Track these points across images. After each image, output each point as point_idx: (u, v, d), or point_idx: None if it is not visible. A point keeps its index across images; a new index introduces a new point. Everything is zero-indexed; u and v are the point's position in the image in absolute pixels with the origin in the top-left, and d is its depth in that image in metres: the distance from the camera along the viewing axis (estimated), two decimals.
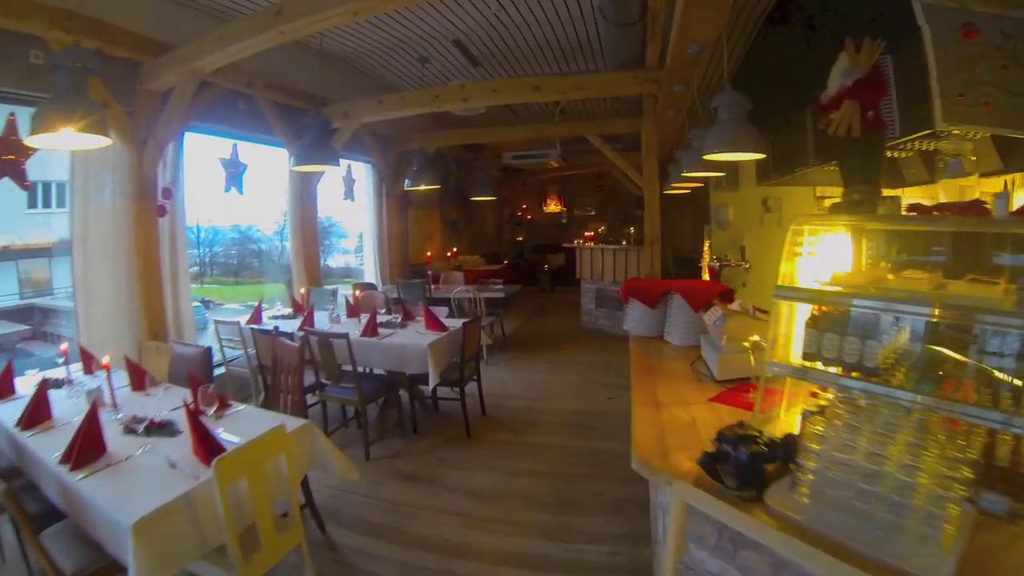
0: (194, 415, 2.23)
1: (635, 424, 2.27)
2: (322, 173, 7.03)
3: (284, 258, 9.48)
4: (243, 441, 2.21)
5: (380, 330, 4.68)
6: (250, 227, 11.04)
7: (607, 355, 7.30)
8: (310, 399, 4.29)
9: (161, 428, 2.43)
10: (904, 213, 2.85)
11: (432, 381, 4.19)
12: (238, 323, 5.10)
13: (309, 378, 4.24)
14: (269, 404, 3.87)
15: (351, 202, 8.66)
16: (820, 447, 1.66)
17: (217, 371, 5.51)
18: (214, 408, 2.57)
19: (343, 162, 8.34)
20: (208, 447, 2.13)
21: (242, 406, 2.78)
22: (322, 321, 5.26)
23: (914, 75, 3.06)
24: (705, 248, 5.50)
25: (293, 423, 2.51)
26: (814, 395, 2.22)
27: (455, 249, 10.73)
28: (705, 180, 8.47)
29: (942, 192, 5.58)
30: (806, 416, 2.04)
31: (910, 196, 7.74)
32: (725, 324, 2.86)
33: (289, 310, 5.91)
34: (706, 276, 5.43)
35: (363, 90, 7.06)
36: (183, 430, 2.43)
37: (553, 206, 15.65)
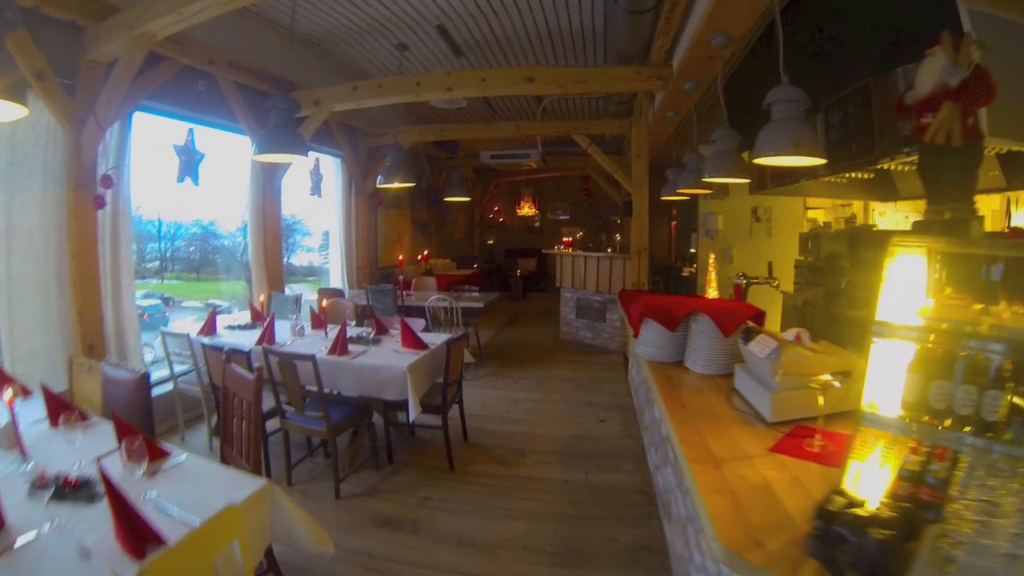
0: (112, 487, 1.62)
1: (701, 491, 1.79)
2: (287, 166, 6.41)
3: (247, 255, 8.82)
4: (182, 522, 1.65)
5: (351, 347, 4.10)
6: (211, 223, 10.33)
7: (591, 370, 6.85)
8: (270, 425, 3.70)
9: (76, 490, 1.82)
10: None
11: (413, 412, 3.63)
12: (188, 336, 4.46)
13: (269, 400, 3.66)
14: (222, 431, 3.27)
15: (318, 198, 8.05)
16: (959, 524, 1.25)
17: (164, 388, 4.87)
18: (143, 468, 1.96)
19: (311, 155, 7.74)
20: (133, 532, 1.56)
21: (182, 456, 2.17)
22: (283, 333, 4.65)
23: None
24: (710, 261, 5.07)
25: (248, 485, 1.93)
26: (913, 450, 1.80)
27: (425, 252, 10.15)
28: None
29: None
30: (905, 476, 1.62)
31: (905, 210, 7.56)
32: (780, 358, 2.41)
33: (247, 318, 5.27)
34: (712, 292, 5.01)
35: (335, 77, 6.47)
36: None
37: (527, 209, 15.19)
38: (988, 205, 6.86)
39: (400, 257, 7.42)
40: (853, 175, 5.45)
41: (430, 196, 10.78)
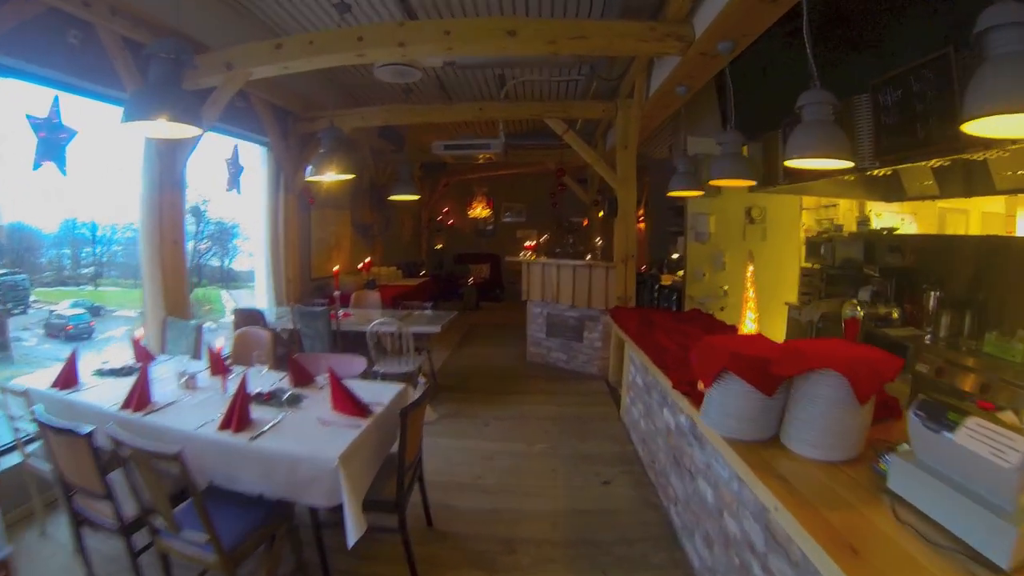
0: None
1: None
2: (190, 148, 4.97)
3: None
4: None
5: (256, 414, 2.71)
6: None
7: (574, 403, 5.67)
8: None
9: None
10: None
11: (352, 531, 2.29)
12: (27, 392, 3.02)
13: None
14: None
15: (238, 194, 6.58)
16: None
17: (8, 461, 3.43)
18: None
19: (227, 141, 6.29)
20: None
21: None
22: (169, 385, 3.26)
23: None
24: (748, 273, 3.94)
25: None
26: None
27: (368, 259, 8.75)
28: None
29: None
30: None
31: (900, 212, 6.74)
32: None
33: (130, 358, 3.82)
34: (749, 323, 3.88)
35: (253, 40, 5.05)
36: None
37: (479, 209, 13.92)
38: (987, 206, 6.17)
39: (336, 267, 6.00)
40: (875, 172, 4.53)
41: (373, 195, 9.38)
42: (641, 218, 10.76)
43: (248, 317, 5.51)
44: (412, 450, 2.72)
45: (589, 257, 6.69)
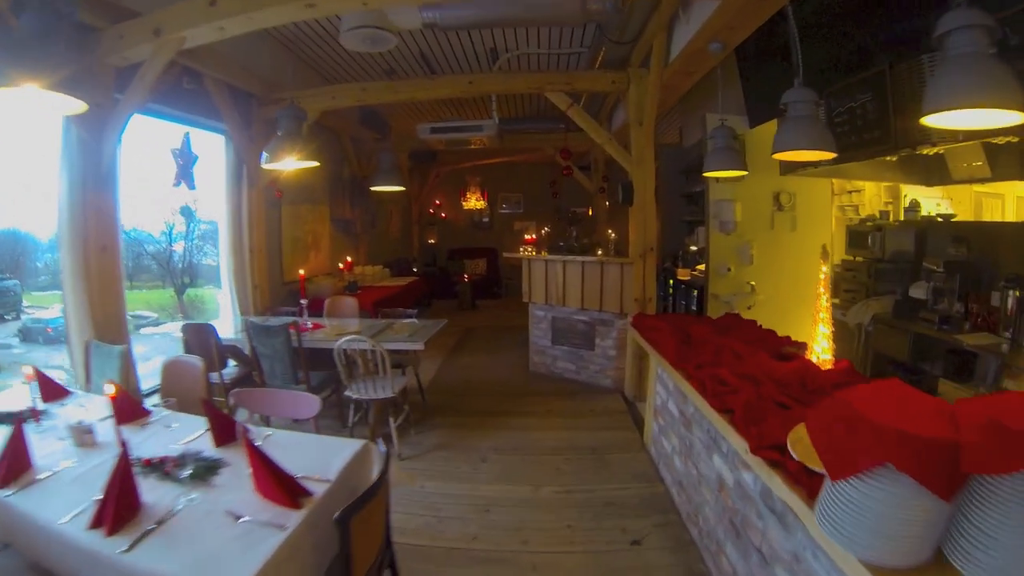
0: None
1: None
2: (117, 136, 4.10)
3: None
4: None
5: (150, 496, 1.84)
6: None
7: (587, 425, 4.83)
8: None
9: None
10: None
11: None
12: None
13: None
14: None
15: (191, 189, 5.70)
16: None
17: None
18: None
19: (176, 128, 5.42)
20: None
21: None
22: (53, 440, 2.41)
23: None
24: (821, 276, 3.07)
25: None
26: None
27: (349, 259, 7.87)
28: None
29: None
30: None
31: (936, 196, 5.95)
32: None
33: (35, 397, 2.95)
34: (821, 338, 3.04)
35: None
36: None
37: (474, 201, 13.02)
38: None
39: (301, 272, 5.08)
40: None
41: (355, 188, 8.48)
42: None
43: (197, 333, 4.65)
44: (364, 559, 1.84)
45: (600, 252, 5.81)
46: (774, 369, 2.85)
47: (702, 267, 6.90)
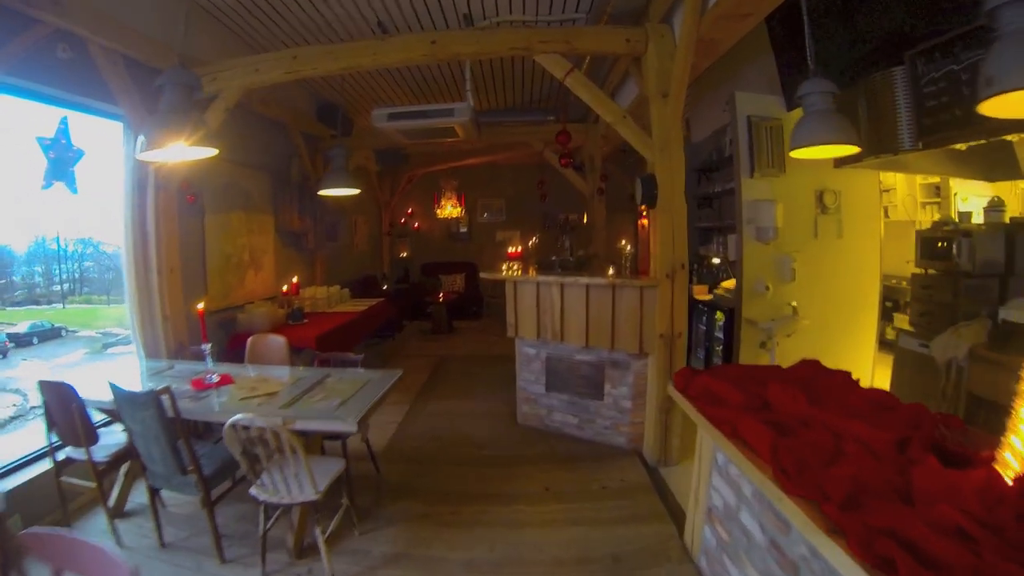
0: None
1: None
2: None
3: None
4: None
5: None
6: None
7: (600, 517, 3.45)
8: None
9: None
10: None
11: None
12: None
13: None
14: None
15: (72, 194, 4.30)
16: None
17: None
18: None
19: (52, 112, 4.06)
20: None
21: None
22: None
23: None
24: None
25: None
26: None
27: (295, 279, 6.45)
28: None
29: None
30: None
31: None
32: None
33: None
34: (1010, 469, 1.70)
35: None
36: None
37: (449, 208, 11.65)
38: None
39: (201, 306, 3.60)
40: None
41: (305, 194, 7.09)
42: (644, 213, 8.58)
43: (57, 393, 3.25)
44: None
45: (612, 271, 4.46)
46: (954, 486, 1.63)
47: (727, 284, 5.63)
